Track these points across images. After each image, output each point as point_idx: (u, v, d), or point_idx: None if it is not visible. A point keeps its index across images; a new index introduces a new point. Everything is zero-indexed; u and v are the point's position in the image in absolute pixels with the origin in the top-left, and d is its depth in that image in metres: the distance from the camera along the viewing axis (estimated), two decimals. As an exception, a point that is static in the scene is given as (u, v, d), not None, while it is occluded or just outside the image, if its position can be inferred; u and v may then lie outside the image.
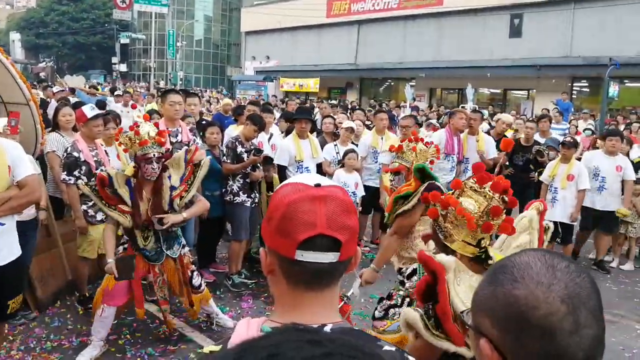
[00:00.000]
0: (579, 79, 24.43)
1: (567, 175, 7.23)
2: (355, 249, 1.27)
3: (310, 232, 1.18)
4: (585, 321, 0.94)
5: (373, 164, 7.81)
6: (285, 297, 1.27)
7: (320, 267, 1.20)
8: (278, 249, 1.22)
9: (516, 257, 1.04)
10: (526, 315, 0.95)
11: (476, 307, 1.06)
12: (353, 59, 33.17)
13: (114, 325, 5.13)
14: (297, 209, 1.19)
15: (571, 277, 0.97)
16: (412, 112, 16.17)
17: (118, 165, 6.02)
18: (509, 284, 0.99)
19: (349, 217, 1.22)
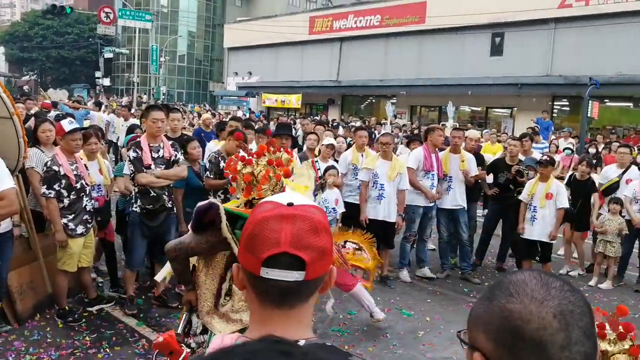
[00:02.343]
0: (560, 97, 24.80)
1: (546, 193, 7.30)
2: (326, 268, 1.28)
3: (273, 250, 1.20)
4: (577, 338, 0.97)
5: (353, 180, 7.88)
6: (257, 313, 1.30)
7: (285, 285, 1.21)
8: (246, 265, 1.25)
9: (513, 275, 1.08)
10: (520, 329, 0.98)
11: (472, 323, 1.08)
12: (335, 76, 33.40)
13: (93, 338, 5.15)
14: (264, 227, 1.22)
15: (565, 295, 1.00)
16: (393, 130, 16.36)
17: (99, 179, 6.06)
18: (504, 299, 1.02)
19: (317, 236, 1.23)
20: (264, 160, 3.72)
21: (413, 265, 8.00)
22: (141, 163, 5.56)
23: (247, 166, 3.70)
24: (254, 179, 3.64)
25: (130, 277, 5.91)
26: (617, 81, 20.03)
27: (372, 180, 7.34)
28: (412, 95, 28.77)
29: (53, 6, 30.95)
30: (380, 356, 5.26)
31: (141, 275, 6.67)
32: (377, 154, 7.56)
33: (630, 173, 8.42)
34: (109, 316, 5.72)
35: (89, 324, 5.46)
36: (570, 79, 21.61)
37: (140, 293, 6.30)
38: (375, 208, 7.32)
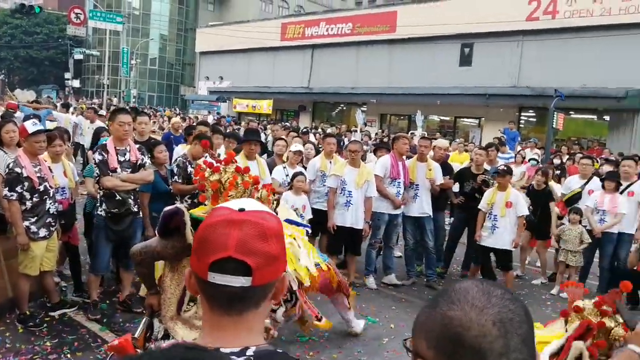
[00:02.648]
0: (527, 108, 25.24)
1: (506, 202, 7.44)
2: (276, 275, 1.28)
3: (219, 255, 1.20)
4: (515, 346, 0.98)
5: (322, 187, 7.92)
6: (208, 319, 1.30)
7: (232, 290, 1.22)
8: (196, 270, 1.26)
9: (456, 283, 1.10)
10: (460, 336, 0.99)
11: (415, 330, 1.09)
12: (306, 82, 33.49)
13: (54, 344, 5.07)
14: (212, 231, 1.23)
15: (505, 304, 1.02)
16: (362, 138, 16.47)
17: (64, 182, 5.98)
18: (446, 306, 1.03)
19: (265, 242, 1.23)
20: (231, 168, 3.74)
21: (379, 272, 8.05)
22: (107, 166, 5.51)
23: (215, 174, 3.71)
24: (221, 186, 3.66)
25: (94, 282, 5.84)
26: (581, 94, 20.48)
27: (340, 187, 7.39)
28: (383, 104, 29.02)
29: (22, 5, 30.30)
30: (344, 362, 5.28)
31: (106, 280, 6.59)
32: (345, 161, 7.62)
33: (592, 184, 8.62)
34: (72, 321, 5.64)
35: (51, 329, 5.37)
36: (537, 90, 22.03)
37: (104, 297, 6.21)
38: (342, 215, 7.37)
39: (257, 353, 1.24)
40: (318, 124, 29.46)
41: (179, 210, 3.29)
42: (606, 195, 7.97)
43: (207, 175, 3.73)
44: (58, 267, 6.44)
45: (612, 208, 7.85)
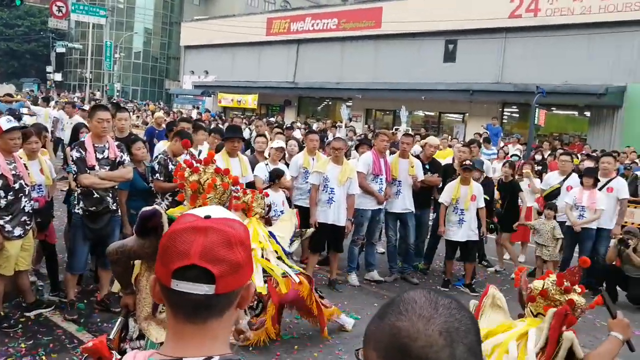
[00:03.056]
0: (510, 104, 25.39)
1: (471, 196, 7.64)
2: (241, 283, 1.26)
3: (182, 262, 1.19)
4: (461, 355, 0.98)
5: (304, 184, 7.88)
6: (172, 327, 1.28)
7: (195, 298, 1.20)
8: (160, 277, 1.24)
9: (405, 293, 1.09)
10: (407, 347, 0.99)
11: (366, 340, 1.09)
12: (292, 77, 33.39)
13: (29, 345, 4.99)
14: (176, 238, 1.21)
15: (452, 313, 1.02)
16: (347, 134, 16.45)
17: (40, 179, 5.88)
18: (394, 317, 1.03)
19: (230, 250, 1.22)
20: (211, 169, 3.68)
21: (362, 268, 8.04)
22: (84, 164, 5.43)
23: (194, 174, 3.66)
24: (200, 187, 3.60)
25: (71, 281, 5.76)
26: (563, 90, 20.63)
27: (322, 184, 7.35)
28: (368, 99, 29.02)
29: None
30: (325, 361, 5.26)
31: (84, 279, 6.49)
32: (328, 158, 7.58)
33: (570, 180, 8.70)
34: (48, 322, 5.54)
35: (26, 330, 5.27)
36: (520, 86, 22.16)
37: (82, 297, 6.11)
38: (325, 212, 7.33)
39: None
40: (303, 118, 29.39)
41: (157, 212, 3.24)
42: (585, 191, 8.04)
43: (187, 175, 3.68)
44: (35, 266, 6.34)
45: (591, 204, 7.93)
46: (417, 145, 14.58)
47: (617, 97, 20.54)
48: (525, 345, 2.74)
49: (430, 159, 8.61)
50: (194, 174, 3.65)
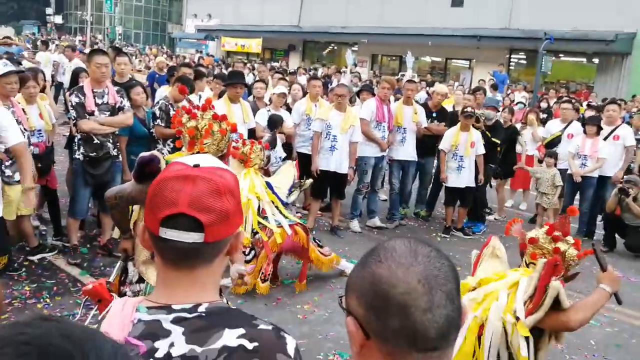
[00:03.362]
0: (517, 51, 24.95)
1: (470, 142, 7.64)
2: (230, 231, 1.27)
3: (171, 210, 1.19)
4: (439, 301, 1.00)
5: (307, 130, 7.83)
6: (160, 274, 1.29)
7: (184, 247, 1.21)
8: (148, 225, 1.25)
9: (386, 242, 1.10)
10: (387, 294, 1.01)
11: (348, 288, 1.10)
12: (297, 21, 32.76)
13: (33, 288, 5.07)
14: (165, 186, 1.21)
15: (431, 261, 1.04)
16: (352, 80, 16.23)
17: (40, 125, 5.85)
18: (375, 265, 1.05)
19: (219, 199, 1.22)
20: (209, 114, 3.64)
21: (364, 215, 8.08)
22: (84, 109, 5.39)
23: (192, 120, 3.62)
24: (197, 132, 3.58)
25: (73, 226, 5.79)
26: (572, 37, 20.20)
27: (324, 131, 7.29)
28: (374, 44, 28.50)
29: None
30: (325, 305, 5.33)
31: (87, 224, 6.54)
32: (331, 105, 7.50)
33: (571, 128, 8.74)
34: (51, 265, 5.62)
35: (30, 274, 5.35)
36: (528, 32, 21.67)
37: (85, 242, 6.18)
38: (327, 159, 7.30)
39: (209, 310, 1.24)
40: (308, 64, 28.99)
41: (155, 158, 3.23)
42: (587, 139, 8.03)
43: (184, 121, 3.64)
44: (37, 211, 6.38)
45: (593, 153, 7.93)
46: (422, 92, 14.46)
47: (627, 44, 20.12)
48: (515, 293, 2.77)
49: (438, 107, 8.51)
50: (192, 119, 3.62)
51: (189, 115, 3.64)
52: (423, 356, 1.01)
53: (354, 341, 1.06)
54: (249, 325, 1.24)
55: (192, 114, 3.64)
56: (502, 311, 2.77)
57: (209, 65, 19.39)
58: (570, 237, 2.88)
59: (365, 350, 1.06)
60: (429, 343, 1.00)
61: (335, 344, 4.60)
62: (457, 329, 1.04)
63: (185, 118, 3.63)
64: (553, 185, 8.18)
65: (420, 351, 1.01)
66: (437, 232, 8.06)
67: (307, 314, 5.14)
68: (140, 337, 1.19)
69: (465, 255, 7.14)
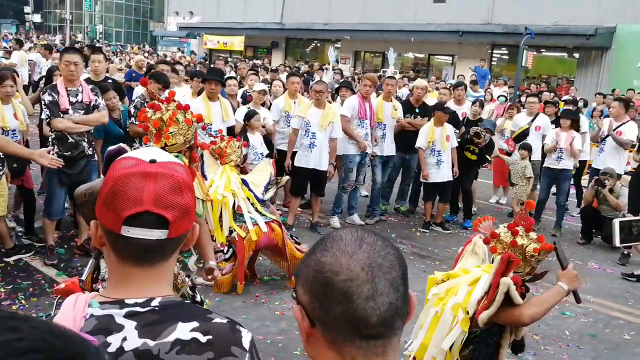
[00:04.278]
0: (499, 46, 25.05)
1: (446, 136, 7.76)
2: (188, 226, 1.28)
3: (135, 209, 1.18)
4: (382, 289, 1.00)
5: (286, 127, 7.82)
6: (114, 271, 1.28)
7: (147, 243, 1.21)
8: (105, 223, 1.23)
9: (334, 232, 1.11)
10: (330, 281, 1.01)
11: (296, 277, 1.13)
12: (279, 18, 32.65)
13: (8, 290, 5.02)
14: (125, 184, 1.20)
15: (376, 250, 1.04)
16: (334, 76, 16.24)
17: (14, 124, 5.78)
18: (320, 253, 1.06)
19: (180, 195, 1.23)
20: (172, 106, 3.59)
21: (344, 211, 8.08)
22: (57, 107, 5.33)
23: (157, 112, 3.57)
24: (162, 124, 3.52)
25: (49, 226, 5.73)
26: (552, 31, 20.32)
27: (303, 128, 7.29)
28: (357, 40, 28.51)
29: None
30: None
31: (64, 225, 6.49)
32: (310, 102, 7.50)
33: (538, 120, 9.01)
34: (28, 266, 5.57)
35: (5, 275, 5.30)
36: (509, 28, 21.77)
37: (62, 242, 6.13)
38: (306, 156, 7.30)
39: (162, 304, 1.24)
40: (291, 61, 28.91)
41: (122, 150, 3.20)
42: (562, 133, 8.14)
43: (149, 115, 3.59)
44: (14, 212, 6.32)
45: (568, 146, 8.03)
46: (405, 88, 14.50)
47: (606, 38, 20.28)
48: (474, 289, 2.80)
49: (420, 102, 8.53)
50: (156, 112, 3.57)
51: (153, 109, 3.59)
52: (366, 344, 1.02)
53: (301, 329, 1.07)
54: (203, 318, 1.25)
55: (156, 107, 3.59)
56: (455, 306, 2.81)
57: (191, 64, 19.25)
58: (534, 232, 2.89)
59: (312, 339, 1.06)
60: (372, 330, 1.01)
61: (312, 340, 4.60)
62: (402, 317, 1.05)
63: (150, 112, 3.58)
64: (524, 176, 8.33)
65: (363, 338, 1.01)
66: (417, 227, 8.10)
67: (285, 310, 5.14)
68: (92, 332, 1.18)
69: (444, 249, 7.22)
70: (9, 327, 0.63)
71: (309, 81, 12.19)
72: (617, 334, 5.29)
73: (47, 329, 0.66)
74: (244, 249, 5.25)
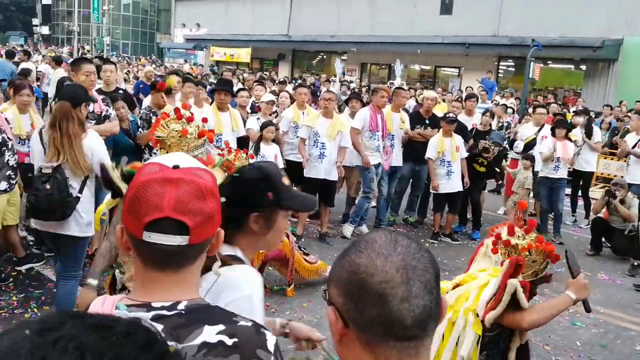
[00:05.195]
0: (506, 58, 25.08)
1: (456, 146, 7.79)
2: (212, 232, 1.29)
3: (155, 215, 1.19)
4: (417, 291, 1.01)
5: (294, 138, 7.85)
6: (140, 274, 1.30)
7: (168, 249, 1.21)
8: (129, 228, 1.24)
9: (368, 234, 1.12)
10: (365, 282, 1.02)
11: (329, 279, 1.12)
12: (286, 30, 32.82)
13: (21, 298, 5.04)
14: (147, 190, 1.21)
15: (410, 252, 1.05)
16: (341, 88, 16.29)
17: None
18: (354, 254, 1.06)
19: (202, 201, 1.23)
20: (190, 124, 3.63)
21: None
22: None
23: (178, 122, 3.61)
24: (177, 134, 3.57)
25: None
26: (559, 43, 20.34)
27: (312, 138, 7.33)
28: (363, 53, 28.60)
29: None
30: (314, 310, 5.36)
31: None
32: (319, 112, 7.54)
33: (544, 130, 9.03)
34: (39, 275, 5.61)
35: (17, 284, 5.33)
36: (516, 40, 21.80)
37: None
38: (316, 167, 7.33)
39: (189, 307, 1.25)
40: (298, 73, 29.01)
41: (102, 167, 3.24)
42: (558, 142, 8.23)
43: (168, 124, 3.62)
44: (25, 221, 6.33)
45: (565, 155, 8.17)
46: (411, 99, 14.53)
47: (614, 50, 20.28)
48: (481, 293, 2.81)
49: (429, 113, 8.55)
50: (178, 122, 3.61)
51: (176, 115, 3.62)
52: (400, 345, 1.03)
53: (334, 330, 1.07)
54: (229, 321, 1.26)
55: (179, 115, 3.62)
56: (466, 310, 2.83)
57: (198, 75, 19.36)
58: (533, 233, 2.88)
59: (345, 340, 1.07)
60: (406, 331, 1.01)
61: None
62: (435, 319, 1.06)
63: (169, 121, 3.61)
64: (523, 186, 8.39)
65: (397, 340, 1.02)
66: (425, 238, 8.09)
67: (295, 319, 5.11)
68: None
69: (453, 260, 7.21)
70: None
71: (317, 92, 12.24)
72: (629, 345, 5.27)
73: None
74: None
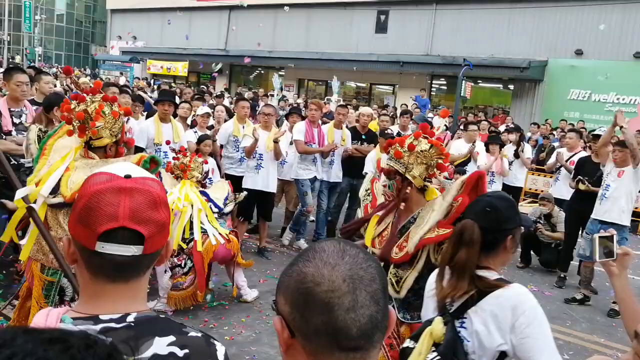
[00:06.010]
0: (438, 76, 25.83)
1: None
2: (163, 242, 1.29)
3: (111, 224, 1.18)
4: (363, 301, 1.01)
5: (234, 152, 7.83)
6: (87, 286, 1.27)
7: (121, 260, 1.20)
8: (79, 239, 1.22)
9: (317, 243, 1.12)
10: (311, 291, 1.01)
11: (277, 287, 1.12)
12: (223, 45, 32.73)
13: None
14: (100, 200, 1.19)
15: (357, 262, 1.05)
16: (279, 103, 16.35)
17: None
18: (302, 263, 1.06)
19: (156, 210, 1.23)
20: (98, 97, 3.48)
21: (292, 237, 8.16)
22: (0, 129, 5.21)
23: (81, 104, 3.45)
24: (87, 116, 3.39)
25: None
26: (489, 63, 21.15)
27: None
28: (300, 68, 28.84)
29: None
30: (252, 326, 5.34)
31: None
32: (257, 125, 7.57)
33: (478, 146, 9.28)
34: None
35: None
36: (448, 59, 22.54)
37: (1, 268, 5.93)
38: (253, 178, 7.32)
39: (138, 319, 1.23)
40: (235, 87, 28.90)
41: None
42: (491, 157, 8.77)
43: (73, 107, 3.48)
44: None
45: (499, 170, 8.74)
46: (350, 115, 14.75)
47: (539, 71, 21.26)
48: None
49: (366, 129, 8.71)
50: (81, 103, 3.46)
51: (77, 100, 3.48)
52: (345, 356, 1.02)
53: (281, 340, 1.07)
54: (179, 332, 1.25)
55: (80, 98, 3.48)
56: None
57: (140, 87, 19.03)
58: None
59: (291, 350, 1.06)
60: (351, 342, 1.01)
61: (262, 362, 4.61)
62: (382, 330, 1.05)
63: (74, 104, 3.46)
64: None
65: (342, 350, 1.01)
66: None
67: (234, 335, 5.12)
68: None
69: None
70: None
71: (256, 107, 12.27)
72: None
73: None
74: (202, 258, 5.27)
